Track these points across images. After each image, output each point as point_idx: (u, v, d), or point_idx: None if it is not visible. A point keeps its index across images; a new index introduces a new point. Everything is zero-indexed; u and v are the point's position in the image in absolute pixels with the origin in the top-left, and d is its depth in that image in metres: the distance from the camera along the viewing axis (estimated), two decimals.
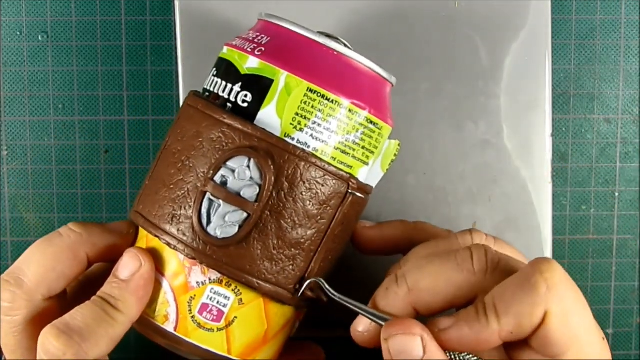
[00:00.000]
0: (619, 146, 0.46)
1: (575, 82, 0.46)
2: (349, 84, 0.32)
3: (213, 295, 0.32)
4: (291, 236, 0.31)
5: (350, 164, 0.32)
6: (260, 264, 0.31)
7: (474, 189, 0.43)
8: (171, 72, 0.45)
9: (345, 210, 0.32)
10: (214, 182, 0.31)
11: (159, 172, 0.33)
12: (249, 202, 0.31)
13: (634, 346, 0.47)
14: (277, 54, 0.32)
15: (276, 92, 0.31)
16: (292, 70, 0.31)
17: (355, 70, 0.32)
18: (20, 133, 0.45)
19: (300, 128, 0.31)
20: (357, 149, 0.32)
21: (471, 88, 0.42)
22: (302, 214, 0.31)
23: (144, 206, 0.33)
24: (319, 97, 0.31)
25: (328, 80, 0.31)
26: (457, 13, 0.42)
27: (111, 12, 0.45)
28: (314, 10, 0.42)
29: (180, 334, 0.32)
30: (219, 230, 0.31)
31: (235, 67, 0.32)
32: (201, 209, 0.31)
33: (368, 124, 0.32)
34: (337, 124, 0.32)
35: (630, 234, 0.47)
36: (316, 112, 0.31)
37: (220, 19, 0.42)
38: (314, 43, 0.32)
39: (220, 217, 0.31)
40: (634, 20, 0.45)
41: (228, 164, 0.31)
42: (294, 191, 0.31)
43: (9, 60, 0.45)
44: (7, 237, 0.46)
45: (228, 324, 0.32)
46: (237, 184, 0.31)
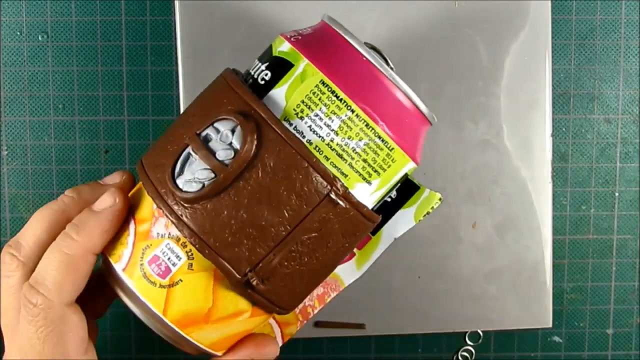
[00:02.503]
0: (619, 146, 0.46)
1: (575, 82, 0.46)
2: (367, 91, 0.31)
3: (167, 250, 0.32)
4: (255, 214, 0.31)
5: (345, 172, 0.31)
6: (216, 232, 0.31)
7: (474, 189, 0.43)
8: (171, 72, 0.45)
9: (323, 215, 0.31)
10: (198, 138, 0.31)
11: (169, 127, 0.34)
12: (221, 164, 0.31)
13: (634, 346, 0.47)
14: (308, 43, 0.32)
15: (292, 76, 0.31)
16: (313, 60, 0.31)
17: (380, 83, 0.31)
18: (20, 133, 0.45)
19: (301, 117, 0.31)
20: (356, 159, 0.31)
21: (471, 88, 0.42)
22: (272, 196, 0.31)
23: (146, 155, 0.34)
24: (328, 91, 0.31)
25: (345, 79, 0.31)
26: (457, 13, 0.42)
27: (111, 12, 0.45)
28: (313, 10, 0.42)
29: (127, 275, 0.32)
30: (185, 184, 0.31)
31: (271, 49, 0.33)
32: (177, 160, 0.31)
33: (375, 137, 0.31)
34: (340, 124, 0.31)
35: (630, 234, 0.47)
36: (321, 105, 0.31)
37: (220, 19, 0.42)
38: (347, 44, 0.32)
39: (191, 171, 0.31)
40: (634, 20, 0.45)
41: (216, 125, 0.31)
42: (271, 171, 0.31)
43: (9, 60, 0.45)
44: (7, 237, 0.46)
45: (172, 284, 0.32)
46: (216, 144, 0.31)
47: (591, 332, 0.47)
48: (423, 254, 0.43)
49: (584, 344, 0.47)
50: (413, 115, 0.32)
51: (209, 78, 0.42)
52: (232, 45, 0.42)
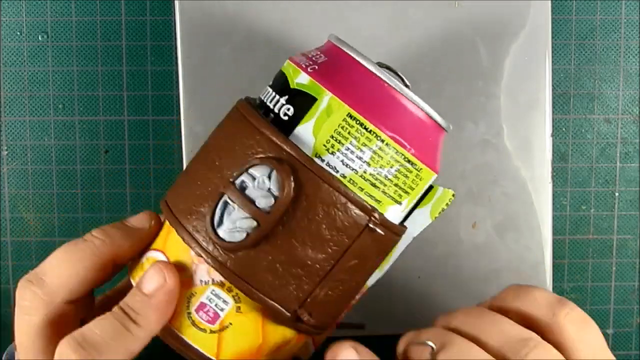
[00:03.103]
0: (619, 146, 0.46)
1: (575, 82, 0.46)
2: (393, 119, 0.31)
3: (213, 296, 0.32)
4: (299, 255, 0.31)
5: (379, 198, 0.32)
6: (263, 276, 0.31)
7: (474, 189, 0.43)
8: (171, 72, 0.45)
9: (362, 243, 0.32)
10: (233, 186, 0.31)
11: (191, 167, 0.33)
12: (262, 212, 0.31)
13: (634, 346, 0.47)
14: (327, 74, 0.31)
15: (317, 111, 0.31)
16: (337, 93, 0.31)
17: (403, 108, 0.32)
18: (20, 133, 0.45)
19: (333, 151, 0.31)
20: (389, 185, 0.32)
21: (471, 88, 0.42)
22: (314, 235, 0.31)
23: (171, 198, 0.33)
24: (357, 124, 0.31)
25: (371, 110, 0.31)
26: (457, 13, 0.42)
27: (111, 12, 0.45)
28: (313, 11, 0.42)
29: (174, 327, 0.32)
30: (228, 233, 0.31)
31: (287, 81, 0.32)
32: (216, 210, 0.31)
33: (405, 162, 0.32)
34: (371, 155, 0.31)
35: (630, 234, 0.47)
36: (352, 138, 0.31)
37: (220, 19, 0.42)
38: (366, 70, 0.31)
39: (232, 221, 0.31)
40: (634, 20, 0.45)
41: (251, 171, 0.31)
42: (311, 211, 0.31)
43: (9, 60, 0.45)
44: (7, 237, 0.46)
45: (222, 328, 0.32)
46: (254, 192, 0.31)
47: None
48: (423, 254, 0.43)
49: None
50: (434, 130, 0.33)
51: (209, 78, 0.42)
52: (232, 45, 0.42)
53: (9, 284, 0.46)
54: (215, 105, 0.42)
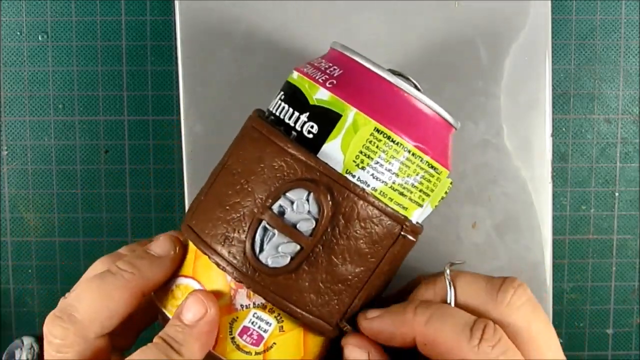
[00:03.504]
0: (619, 146, 0.46)
1: (575, 82, 0.46)
2: (416, 128, 0.32)
3: (255, 319, 0.32)
4: (340, 272, 0.31)
5: (406, 205, 0.32)
6: (306, 296, 0.31)
7: (474, 189, 0.43)
8: (171, 72, 0.45)
9: (395, 250, 0.32)
10: (271, 211, 0.31)
11: (216, 190, 0.33)
12: (304, 236, 0.31)
13: (634, 346, 0.47)
14: (348, 89, 0.32)
15: (343, 128, 0.31)
16: (362, 108, 0.31)
17: (422, 114, 0.32)
18: (20, 133, 0.45)
19: (363, 167, 0.31)
20: (414, 192, 0.32)
21: (471, 88, 0.42)
22: (353, 251, 0.31)
23: (197, 222, 0.33)
24: (384, 137, 0.31)
25: (395, 121, 0.31)
26: (457, 13, 0.42)
27: (111, 12, 0.45)
28: (313, 11, 0.42)
29: (218, 353, 0.32)
30: (270, 259, 0.31)
31: (305, 96, 0.32)
32: (255, 236, 0.31)
33: (428, 168, 0.32)
34: (399, 166, 0.32)
35: (630, 234, 0.47)
36: (380, 152, 0.31)
37: (220, 19, 0.42)
38: (386, 82, 0.32)
39: (274, 246, 0.31)
40: (634, 20, 0.45)
41: (287, 195, 0.31)
42: (349, 228, 0.31)
43: (9, 60, 0.45)
44: (7, 237, 0.46)
45: (266, 349, 0.32)
46: (294, 216, 0.31)
47: (591, 332, 0.47)
48: (423, 254, 0.43)
49: (584, 344, 0.47)
50: (447, 131, 0.33)
51: (209, 78, 0.42)
52: (232, 45, 0.42)
53: (9, 284, 0.46)
54: (215, 105, 0.42)
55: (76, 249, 0.46)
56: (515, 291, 0.31)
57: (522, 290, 0.32)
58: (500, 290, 0.31)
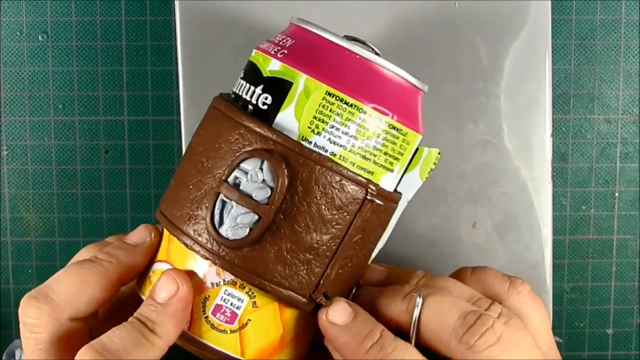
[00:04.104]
0: (619, 146, 0.46)
1: (575, 82, 0.46)
2: (371, 89, 0.32)
3: (227, 296, 0.32)
4: (305, 240, 0.31)
5: (371, 169, 0.32)
6: (273, 267, 0.31)
7: (474, 189, 0.43)
8: (171, 72, 0.45)
9: (364, 216, 0.32)
10: (227, 183, 0.31)
11: (181, 172, 0.33)
12: (261, 205, 0.31)
13: (634, 346, 0.47)
14: (298, 57, 0.32)
15: (295, 95, 0.31)
16: (311, 73, 0.31)
17: (379, 76, 0.32)
18: (20, 133, 0.45)
19: (318, 132, 0.31)
20: (378, 155, 0.32)
21: (471, 88, 0.42)
22: (316, 218, 0.31)
23: (166, 206, 0.33)
24: (337, 100, 0.31)
25: (348, 84, 0.31)
26: (457, 13, 0.42)
27: (111, 12, 0.45)
28: (313, 11, 0.42)
29: (194, 334, 0.32)
30: (230, 231, 0.31)
31: (259, 70, 0.32)
32: (214, 210, 0.31)
33: (391, 129, 0.32)
34: (357, 128, 0.31)
35: (630, 234, 0.47)
36: (334, 115, 0.31)
37: (220, 19, 0.42)
38: (336, 46, 0.31)
39: (232, 218, 0.31)
40: (634, 20, 0.45)
41: (242, 166, 0.31)
42: (308, 195, 0.31)
43: (9, 60, 0.45)
44: (7, 237, 0.46)
45: (242, 326, 0.32)
46: (249, 186, 0.31)
47: (591, 332, 0.47)
48: (423, 254, 0.43)
49: (584, 344, 0.47)
50: (412, 93, 0.33)
51: (209, 78, 0.42)
52: (232, 45, 0.42)
53: (9, 284, 0.46)
54: None
55: (76, 249, 0.46)
56: (483, 335, 0.30)
57: (491, 334, 0.30)
58: (468, 332, 0.31)
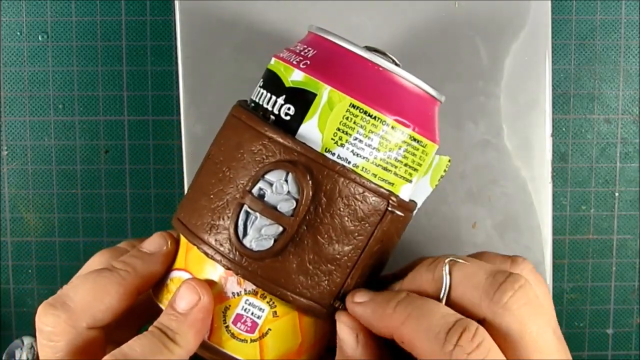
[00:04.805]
0: (619, 146, 0.46)
1: (575, 82, 0.46)
2: (393, 101, 0.32)
3: (248, 306, 0.32)
4: (327, 251, 0.31)
5: (392, 181, 0.32)
6: (295, 278, 0.31)
7: (474, 189, 0.43)
8: (171, 72, 0.45)
9: (384, 227, 0.32)
10: (251, 195, 0.31)
11: (200, 181, 0.33)
12: (285, 216, 0.31)
13: (634, 346, 0.47)
14: (321, 68, 0.32)
15: (319, 107, 0.31)
16: (336, 85, 0.31)
17: (400, 87, 0.32)
18: (20, 133, 0.45)
19: (342, 143, 0.31)
20: (399, 166, 0.32)
21: (471, 88, 0.42)
22: (339, 229, 0.31)
23: (185, 214, 0.33)
24: (361, 113, 0.31)
25: (371, 96, 0.31)
26: (457, 13, 0.42)
27: (111, 12, 0.45)
28: (313, 11, 0.42)
29: (214, 343, 0.32)
30: (254, 242, 0.31)
31: (280, 80, 0.32)
32: (238, 221, 0.31)
33: (412, 141, 0.32)
34: (379, 140, 0.31)
35: (630, 234, 0.47)
36: (358, 128, 0.31)
37: (220, 19, 0.42)
38: (359, 58, 0.32)
39: (257, 229, 0.31)
40: (634, 20, 0.45)
41: (266, 177, 0.31)
42: (332, 207, 0.31)
43: (9, 60, 0.45)
44: (7, 237, 0.46)
45: (262, 336, 0.32)
46: (274, 197, 0.31)
47: (591, 332, 0.47)
48: (423, 254, 0.43)
49: (584, 344, 0.47)
50: (431, 104, 0.33)
51: (209, 78, 0.42)
52: (232, 45, 0.42)
53: (9, 284, 0.46)
54: (215, 105, 0.42)
55: (76, 249, 0.46)
56: (515, 293, 0.30)
57: (523, 293, 0.30)
58: (499, 289, 0.30)
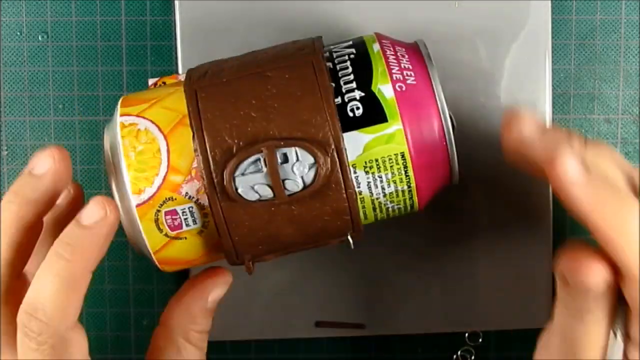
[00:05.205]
0: (619, 146, 0.46)
1: (575, 82, 0.46)
2: (431, 171, 0.33)
3: (187, 211, 0.32)
4: (283, 232, 0.32)
5: (369, 217, 0.33)
6: (241, 229, 0.32)
7: None
8: (171, 72, 0.45)
9: (333, 242, 0.34)
10: (274, 153, 0.31)
11: (241, 88, 0.32)
12: (283, 193, 0.31)
13: None
14: (409, 104, 0.32)
15: (380, 132, 0.32)
16: (406, 129, 0.32)
17: (444, 163, 0.33)
18: (20, 133, 0.45)
19: (367, 171, 0.32)
20: (383, 212, 0.33)
21: (471, 88, 0.42)
22: (306, 224, 0.32)
23: (205, 98, 0.32)
24: (402, 164, 0.32)
25: (421, 157, 0.32)
26: (457, 13, 0.42)
27: (111, 12, 0.45)
28: (313, 11, 0.42)
29: (137, 214, 0.32)
30: (242, 187, 0.31)
31: (371, 78, 0.32)
32: (246, 158, 0.31)
33: (409, 204, 0.33)
34: (393, 192, 0.32)
35: None
36: (389, 172, 0.32)
37: (220, 19, 0.42)
38: (439, 121, 0.32)
39: (253, 180, 0.31)
40: (634, 20, 0.45)
41: (297, 151, 0.31)
42: (317, 209, 0.32)
43: (9, 60, 0.45)
44: None
45: (176, 237, 0.33)
46: (289, 172, 0.31)
47: None
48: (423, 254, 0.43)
49: None
50: (445, 182, 0.34)
51: None
52: (232, 45, 0.42)
53: None
54: None
55: None
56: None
57: None
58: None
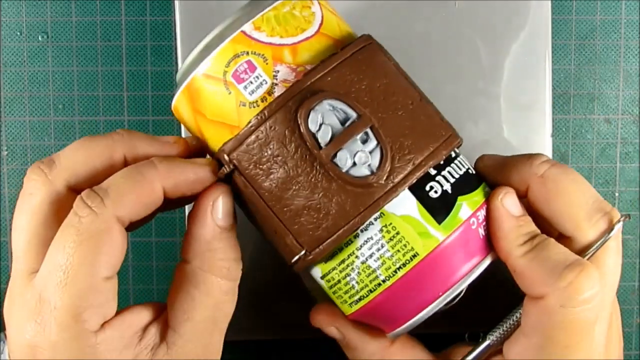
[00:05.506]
0: (619, 146, 0.46)
1: (575, 82, 0.46)
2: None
3: (260, 80, 0.33)
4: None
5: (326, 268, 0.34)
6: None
7: None
8: (171, 72, 0.45)
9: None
10: (378, 132, 0.32)
11: (364, 53, 0.34)
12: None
13: (634, 346, 0.47)
14: None
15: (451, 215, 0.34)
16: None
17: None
18: (20, 133, 0.45)
19: (376, 218, 0.32)
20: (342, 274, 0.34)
21: (471, 88, 0.42)
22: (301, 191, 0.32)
23: None
24: (410, 257, 0.33)
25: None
26: (457, 13, 0.42)
27: (111, 12, 0.45)
28: None
29: None
30: (314, 127, 0.32)
31: (470, 172, 0.36)
32: (350, 125, 0.32)
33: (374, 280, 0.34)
34: (383, 253, 0.33)
35: (630, 234, 0.47)
36: (389, 247, 0.33)
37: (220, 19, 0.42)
38: None
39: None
40: (634, 20, 0.45)
41: (369, 134, 0.32)
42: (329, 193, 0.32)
43: (9, 60, 0.45)
44: (7, 237, 0.46)
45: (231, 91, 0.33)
46: (363, 157, 0.32)
47: None
48: None
49: None
50: None
51: None
52: None
53: None
54: None
55: None
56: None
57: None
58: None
